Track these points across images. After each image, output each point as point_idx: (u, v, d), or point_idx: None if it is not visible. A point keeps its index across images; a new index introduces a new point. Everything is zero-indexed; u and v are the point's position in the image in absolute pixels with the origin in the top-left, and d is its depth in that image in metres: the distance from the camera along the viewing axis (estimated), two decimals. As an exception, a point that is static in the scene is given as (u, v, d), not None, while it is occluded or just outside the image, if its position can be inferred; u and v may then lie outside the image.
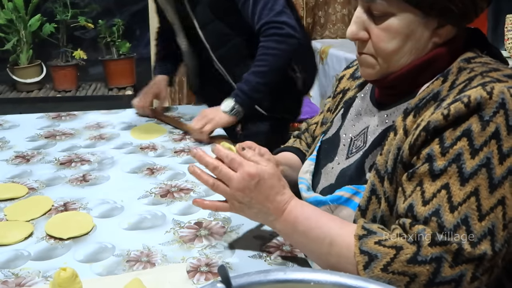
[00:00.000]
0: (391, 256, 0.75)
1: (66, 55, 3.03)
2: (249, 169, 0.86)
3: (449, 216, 0.74)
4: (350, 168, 0.96)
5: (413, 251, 0.74)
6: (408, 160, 0.82)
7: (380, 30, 0.87)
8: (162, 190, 1.21)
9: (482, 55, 0.88)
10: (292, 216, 0.86)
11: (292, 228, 0.87)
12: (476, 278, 0.73)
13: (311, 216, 0.86)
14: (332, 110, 1.14)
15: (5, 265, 0.91)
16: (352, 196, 0.91)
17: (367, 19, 0.88)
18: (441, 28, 0.86)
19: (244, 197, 0.87)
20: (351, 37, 0.90)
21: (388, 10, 0.85)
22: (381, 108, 0.96)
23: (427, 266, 0.73)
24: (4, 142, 1.54)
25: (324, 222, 0.85)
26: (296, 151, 1.23)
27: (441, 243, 0.73)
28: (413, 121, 0.84)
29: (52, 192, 1.20)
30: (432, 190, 0.77)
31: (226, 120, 1.59)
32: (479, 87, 0.77)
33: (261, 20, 1.59)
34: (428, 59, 0.88)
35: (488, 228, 0.73)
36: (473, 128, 0.76)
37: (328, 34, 3.59)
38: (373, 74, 0.92)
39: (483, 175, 0.74)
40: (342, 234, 0.82)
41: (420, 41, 0.87)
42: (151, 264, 0.91)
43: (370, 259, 0.76)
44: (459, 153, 0.76)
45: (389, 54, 0.88)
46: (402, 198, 0.81)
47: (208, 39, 1.72)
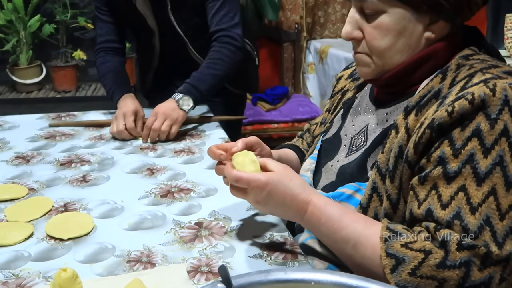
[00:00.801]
0: (419, 260, 0.74)
1: (65, 56, 3.03)
2: (255, 183, 0.84)
3: (471, 218, 0.74)
4: (350, 165, 0.96)
5: (442, 256, 0.74)
6: (413, 159, 0.82)
7: (373, 28, 0.88)
8: (162, 190, 1.21)
9: (480, 52, 0.89)
10: (315, 218, 0.85)
11: (315, 229, 0.87)
12: (504, 279, 0.73)
13: (334, 216, 0.84)
14: (331, 110, 1.14)
15: (5, 265, 0.91)
16: (354, 193, 0.92)
17: (360, 18, 0.90)
18: (433, 24, 0.87)
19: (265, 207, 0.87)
20: (346, 37, 0.92)
21: (379, 8, 0.86)
22: (380, 107, 0.96)
23: (457, 270, 0.73)
24: (4, 143, 1.54)
25: (347, 223, 0.83)
26: (296, 149, 1.24)
27: (469, 247, 0.73)
28: (415, 119, 0.84)
29: (52, 193, 1.20)
30: (449, 193, 0.76)
31: (184, 118, 1.61)
32: (481, 84, 0.78)
33: (220, 25, 1.73)
34: (423, 55, 0.89)
35: (509, 226, 0.73)
36: (482, 127, 0.76)
37: (327, 34, 3.60)
38: (369, 73, 0.93)
39: (498, 173, 0.74)
40: (366, 235, 0.81)
41: (413, 37, 0.87)
42: (151, 265, 0.91)
43: (397, 263, 0.75)
44: (471, 153, 0.76)
45: (383, 51, 0.89)
46: (416, 203, 0.80)
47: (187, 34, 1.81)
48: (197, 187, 1.23)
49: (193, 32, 1.83)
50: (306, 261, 0.92)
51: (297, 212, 0.86)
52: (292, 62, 3.54)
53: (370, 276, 0.79)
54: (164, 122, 1.54)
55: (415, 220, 0.80)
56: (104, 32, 1.86)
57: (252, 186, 0.84)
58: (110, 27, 1.86)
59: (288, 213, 0.88)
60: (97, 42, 1.89)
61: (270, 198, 0.85)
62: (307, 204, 0.86)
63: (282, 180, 0.85)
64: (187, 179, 1.28)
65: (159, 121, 1.54)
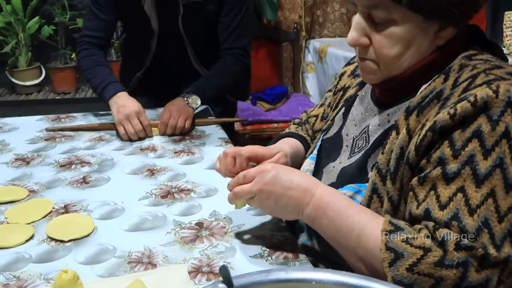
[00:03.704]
0: (417, 257, 0.74)
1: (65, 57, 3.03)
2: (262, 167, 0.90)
3: (469, 219, 0.73)
4: (351, 166, 0.96)
5: (440, 255, 0.73)
6: (414, 161, 0.81)
7: (382, 36, 0.86)
8: (162, 191, 1.21)
9: (483, 52, 0.88)
10: (323, 201, 0.85)
11: (322, 214, 0.85)
12: (502, 282, 0.73)
13: (342, 204, 0.84)
14: (333, 107, 1.14)
15: (6, 268, 0.91)
16: (354, 195, 0.91)
17: (367, 25, 0.87)
18: (442, 31, 0.85)
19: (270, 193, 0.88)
20: (353, 43, 0.89)
21: (389, 17, 0.84)
22: (382, 107, 0.96)
23: (454, 270, 0.72)
24: (4, 145, 1.54)
25: (354, 212, 0.83)
26: (300, 138, 1.20)
27: (467, 248, 0.72)
28: (417, 120, 0.83)
29: (52, 195, 1.20)
30: (447, 194, 0.76)
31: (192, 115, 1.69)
32: (484, 86, 0.77)
33: (236, 43, 1.85)
34: (430, 61, 0.88)
35: (507, 229, 0.73)
36: (483, 129, 0.75)
37: (326, 33, 3.59)
38: (374, 79, 0.92)
39: (498, 175, 0.74)
40: (370, 227, 0.81)
41: (422, 45, 0.86)
42: (152, 265, 0.91)
43: (396, 257, 0.75)
44: (471, 154, 0.75)
45: (391, 60, 0.87)
46: (415, 203, 0.80)
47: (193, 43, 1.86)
48: (197, 187, 1.23)
49: (200, 42, 1.87)
50: (307, 260, 0.92)
51: (304, 194, 0.86)
52: (291, 61, 3.54)
53: (371, 270, 0.79)
54: (179, 118, 1.62)
55: (414, 220, 0.80)
56: (94, 26, 1.82)
57: (260, 170, 0.89)
58: (101, 23, 1.82)
59: (294, 198, 0.87)
60: (84, 34, 1.83)
61: (277, 181, 0.87)
62: (316, 188, 0.86)
63: (286, 167, 0.91)
64: (187, 180, 1.28)
65: (175, 117, 1.62)
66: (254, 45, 3.44)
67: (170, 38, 1.86)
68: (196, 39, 1.88)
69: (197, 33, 1.86)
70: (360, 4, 0.87)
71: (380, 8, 0.84)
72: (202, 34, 1.87)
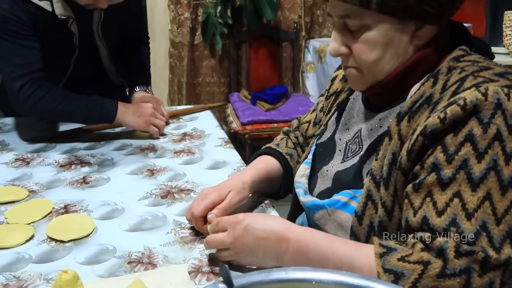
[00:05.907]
0: (418, 272, 0.73)
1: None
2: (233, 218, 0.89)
3: (467, 224, 0.73)
4: (346, 172, 0.96)
5: (441, 265, 0.72)
6: (407, 166, 0.81)
7: (360, 43, 0.88)
8: (162, 191, 1.21)
9: (471, 52, 0.88)
10: (302, 245, 0.83)
11: (305, 259, 0.83)
12: (504, 284, 0.72)
13: (322, 242, 0.83)
14: (326, 112, 1.14)
15: (6, 268, 0.91)
16: (349, 201, 0.91)
17: (345, 34, 0.90)
18: (420, 30, 0.86)
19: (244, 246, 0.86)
20: (333, 53, 0.92)
21: (363, 23, 0.86)
22: (373, 111, 0.96)
23: (458, 278, 0.72)
24: (4, 145, 1.54)
25: (337, 246, 0.82)
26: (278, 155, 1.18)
27: (467, 253, 0.72)
28: (408, 126, 0.84)
29: (52, 195, 1.20)
30: (444, 200, 0.75)
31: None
32: (473, 89, 0.77)
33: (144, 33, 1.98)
34: (413, 62, 0.88)
35: (506, 231, 0.73)
36: (475, 132, 0.75)
37: (326, 32, 3.59)
38: (361, 86, 0.94)
39: (493, 178, 0.73)
40: (360, 256, 0.79)
41: (401, 46, 0.87)
42: (152, 265, 0.91)
43: (396, 278, 0.74)
44: (465, 159, 0.75)
45: (372, 64, 0.89)
46: (411, 211, 0.79)
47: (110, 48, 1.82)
48: (197, 187, 1.23)
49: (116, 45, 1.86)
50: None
51: (280, 242, 0.84)
52: (291, 61, 3.54)
53: None
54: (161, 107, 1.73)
55: (411, 229, 0.79)
56: (31, 60, 1.54)
57: (231, 222, 0.88)
58: (37, 53, 1.55)
59: (270, 248, 0.85)
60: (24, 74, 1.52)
61: (249, 232, 0.86)
62: (291, 232, 0.84)
63: (259, 215, 0.92)
64: (187, 180, 1.28)
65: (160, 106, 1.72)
66: (254, 45, 3.46)
67: (87, 50, 1.74)
68: (114, 47, 1.85)
69: (114, 41, 1.83)
70: (335, 15, 0.90)
71: (353, 16, 0.86)
72: (117, 42, 1.86)
